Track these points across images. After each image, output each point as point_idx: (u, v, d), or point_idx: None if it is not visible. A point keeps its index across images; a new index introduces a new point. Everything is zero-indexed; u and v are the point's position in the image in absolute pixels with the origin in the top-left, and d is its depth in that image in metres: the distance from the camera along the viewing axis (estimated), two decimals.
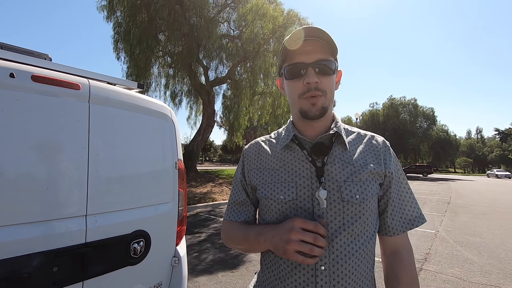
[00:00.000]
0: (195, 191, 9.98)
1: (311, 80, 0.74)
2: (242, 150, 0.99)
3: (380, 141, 0.86)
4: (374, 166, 0.79)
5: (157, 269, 1.72)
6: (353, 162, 0.79)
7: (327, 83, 0.77)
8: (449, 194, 13.51)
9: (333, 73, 0.78)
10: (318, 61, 0.75)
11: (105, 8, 11.75)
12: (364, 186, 0.76)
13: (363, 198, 0.75)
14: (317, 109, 0.76)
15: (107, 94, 1.51)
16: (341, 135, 0.81)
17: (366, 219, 0.76)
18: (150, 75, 13.02)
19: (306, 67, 0.75)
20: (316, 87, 0.75)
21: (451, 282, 3.38)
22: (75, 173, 1.35)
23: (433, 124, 38.74)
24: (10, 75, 1.17)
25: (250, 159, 0.92)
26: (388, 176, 0.81)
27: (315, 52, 0.76)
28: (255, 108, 14.35)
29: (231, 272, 3.58)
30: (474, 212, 8.26)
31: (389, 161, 0.83)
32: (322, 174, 0.77)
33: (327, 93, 0.77)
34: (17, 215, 1.18)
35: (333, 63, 0.78)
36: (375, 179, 0.79)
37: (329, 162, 0.78)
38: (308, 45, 0.76)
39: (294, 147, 0.84)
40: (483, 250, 4.65)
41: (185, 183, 2.00)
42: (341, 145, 0.81)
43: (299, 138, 0.83)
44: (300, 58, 0.76)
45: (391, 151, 0.86)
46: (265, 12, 11.69)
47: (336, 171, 0.77)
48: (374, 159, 0.81)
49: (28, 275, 1.16)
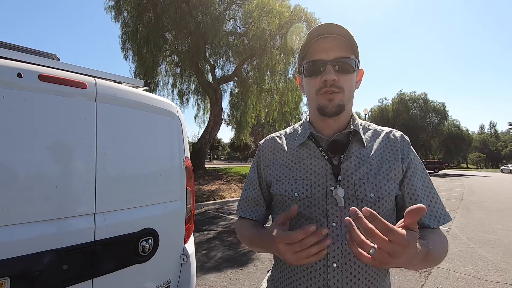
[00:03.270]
0: (204, 189, 10.04)
1: (329, 77, 0.73)
2: (258, 145, 0.99)
3: (398, 135, 0.83)
4: (391, 164, 0.77)
5: (165, 267, 1.73)
6: (370, 159, 0.77)
7: (346, 81, 0.76)
8: (462, 190, 13.22)
9: (353, 71, 0.77)
10: (338, 59, 0.75)
11: (113, 9, 11.85)
12: (380, 184, 0.75)
13: (378, 197, 0.73)
14: (334, 105, 0.75)
15: (114, 93, 1.51)
16: (359, 132, 0.80)
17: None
18: (157, 74, 13.10)
19: (325, 64, 0.75)
20: (333, 84, 0.74)
21: (465, 280, 3.30)
22: (83, 172, 1.36)
23: (444, 119, 37.93)
24: (18, 75, 1.18)
25: (265, 155, 0.92)
26: (409, 169, 0.78)
27: (335, 50, 0.75)
28: (262, 105, 14.31)
29: (240, 269, 3.58)
30: (488, 209, 8.05)
31: (407, 154, 0.80)
32: (338, 172, 0.76)
33: (345, 91, 0.76)
34: (27, 214, 1.20)
35: (353, 61, 0.77)
36: (393, 178, 0.77)
37: (345, 160, 0.78)
38: (327, 42, 0.75)
39: (310, 144, 0.84)
40: (497, 247, 4.53)
41: (192, 181, 2.00)
42: (358, 142, 0.80)
43: (316, 136, 0.83)
44: (319, 55, 0.76)
45: (410, 146, 0.83)
46: (271, 8, 11.59)
47: (352, 169, 0.76)
48: (391, 155, 0.79)
49: (39, 273, 1.18)
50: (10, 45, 1.87)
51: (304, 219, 0.78)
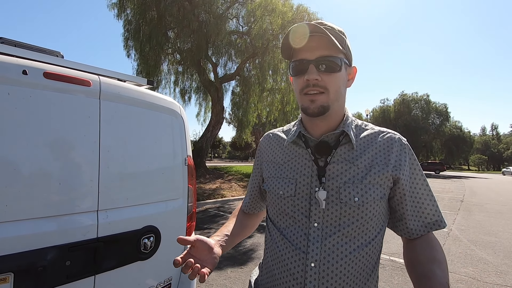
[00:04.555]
0: (204, 187, 10.05)
1: (311, 76, 0.73)
2: (259, 142, 1.03)
3: (395, 139, 0.80)
4: (380, 168, 0.75)
5: (167, 265, 1.74)
6: (358, 163, 0.76)
7: (330, 80, 0.74)
8: (463, 192, 13.19)
9: (339, 70, 0.75)
10: (321, 58, 0.73)
11: (116, 6, 11.87)
12: (365, 189, 0.73)
13: (363, 202, 0.72)
14: (316, 106, 0.74)
15: (118, 91, 1.52)
16: (349, 134, 0.78)
17: (365, 222, 0.74)
18: (160, 72, 13.12)
19: (308, 64, 0.74)
20: (315, 84, 0.73)
21: (465, 282, 3.30)
22: (87, 169, 1.37)
23: (446, 120, 37.85)
24: (23, 72, 1.19)
25: (263, 151, 0.96)
26: (400, 178, 0.76)
27: (319, 49, 0.74)
28: (264, 104, 14.30)
29: (240, 268, 3.60)
30: (489, 211, 8.04)
31: (403, 161, 0.77)
32: (323, 174, 0.76)
33: (329, 91, 0.74)
34: (31, 210, 1.20)
35: (339, 59, 0.75)
36: (381, 182, 0.75)
37: (332, 162, 0.77)
38: (312, 41, 0.74)
39: (300, 143, 0.84)
40: (498, 249, 4.53)
41: (194, 179, 2.01)
42: (348, 144, 0.79)
43: (305, 136, 0.83)
44: (304, 55, 0.75)
45: (408, 150, 0.80)
46: (274, 8, 11.57)
47: (338, 171, 0.76)
48: (383, 159, 0.76)
49: (42, 268, 1.19)
50: (15, 42, 1.88)
51: (288, 217, 0.80)
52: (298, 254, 0.74)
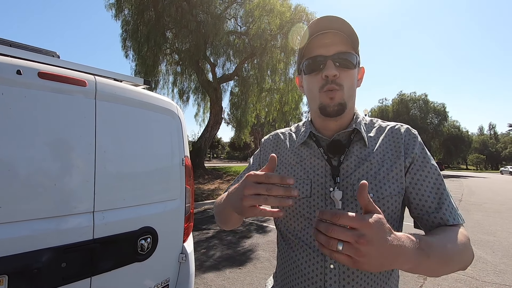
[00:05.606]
0: (203, 187, 10.04)
1: (330, 72, 0.70)
2: (261, 141, 0.98)
3: (403, 130, 0.79)
4: (393, 162, 0.74)
5: (164, 266, 1.73)
6: (370, 158, 0.75)
7: (346, 77, 0.73)
8: (461, 191, 13.23)
9: (354, 67, 0.74)
10: (338, 54, 0.72)
11: (113, 6, 11.83)
12: (380, 184, 0.72)
13: (378, 197, 0.70)
14: (335, 104, 0.72)
15: (114, 91, 1.51)
16: (360, 131, 0.77)
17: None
18: (158, 73, 13.09)
19: (325, 60, 0.72)
20: (333, 81, 0.71)
21: (464, 281, 3.30)
22: (83, 170, 1.36)
23: (445, 120, 38.00)
24: (17, 72, 1.18)
25: (268, 151, 0.92)
26: (412, 164, 0.74)
27: (335, 45, 0.72)
28: (263, 105, 14.30)
29: (239, 268, 3.58)
30: (488, 210, 8.06)
31: (412, 149, 0.75)
32: (337, 174, 0.74)
33: (344, 88, 0.73)
34: (26, 211, 1.19)
35: (354, 56, 0.74)
36: (395, 177, 0.73)
37: (345, 160, 0.75)
38: (327, 37, 0.72)
39: (311, 143, 0.82)
40: (497, 249, 4.53)
41: (192, 179, 2.00)
42: (360, 141, 0.78)
43: (316, 135, 0.81)
44: (319, 51, 0.73)
45: (419, 139, 0.78)
46: (272, 8, 11.58)
47: (352, 169, 0.74)
48: (394, 152, 0.75)
49: (37, 271, 1.17)
50: (10, 42, 1.86)
51: (303, 219, 0.77)
52: (317, 256, 0.72)
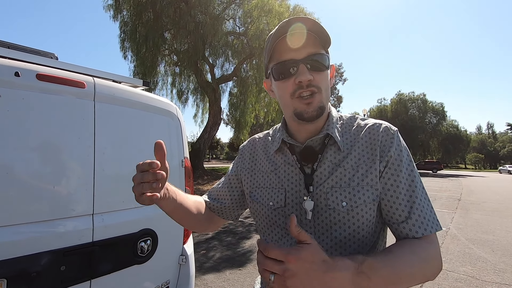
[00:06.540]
0: (202, 188, 10.03)
1: (304, 78, 0.65)
2: (239, 148, 0.97)
3: (381, 129, 0.71)
4: (368, 167, 0.68)
5: (164, 268, 1.72)
6: (344, 164, 0.70)
7: (321, 79, 0.68)
8: (460, 190, 13.25)
9: (326, 69, 0.70)
10: (310, 56, 0.67)
11: (112, 7, 11.83)
12: (353, 192, 0.67)
13: (351, 206, 0.67)
14: (314, 108, 0.68)
15: (113, 92, 1.50)
16: (333, 135, 0.72)
17: (358, 229, 0.67)
18: (156, 74, 13.09)
19: (296, 64, 0.67)
20: (309, 85, 0.67)
21: (463, 281, 3.30)
22: (81, 172, 1.35)
23: (443, 119, 38.12)
24: (15, 73, 1.17)
25: (245, 158, 0.91)
26: (386, 168, 0.68)
27: (305, 47, 0.67)
28: (261, 105, 14.32)
29: (239, 270, 3.57)
30: (487, 209, 8.07)
31: (387, 151, 0.68)
32: (311, 182, 0.71)
33: (322, 90, 0.68)
34: (24, 215, 1.18)
35: (326, 57, 0.69)
36: (371, 183, 0.68)
37: (319, 168, 0.71)
38: (296, 39, 0.67)
39: (285, 150, 0.78)
40: (496, 248, 4.54)
41: (191, 181, 1.99)
42: (334, 145, 0.73)
43: (290, 142, 0.76)
44: (289, 55, 0.68)
45: (397, 139, 0.70)
46: (270, 8, 11.59)
47: (325, 177, 0.70)
48: (370, 156, 0.69)
49: (36, 274, 1.16)
50: (8, 43, 1.85)
51: (280, 228, 0.75)
52: None
